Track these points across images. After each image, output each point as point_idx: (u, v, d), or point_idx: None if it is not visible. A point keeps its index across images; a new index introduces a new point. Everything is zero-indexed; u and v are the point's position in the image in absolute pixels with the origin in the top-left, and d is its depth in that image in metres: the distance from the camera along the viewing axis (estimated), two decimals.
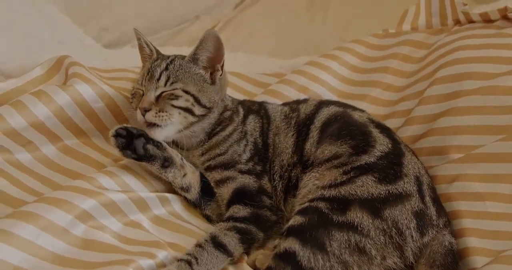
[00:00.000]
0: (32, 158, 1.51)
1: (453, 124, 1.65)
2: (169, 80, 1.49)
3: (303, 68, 2.02)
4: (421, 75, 1.90)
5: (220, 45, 1.52)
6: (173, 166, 1.48)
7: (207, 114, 1.53)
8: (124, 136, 1.44)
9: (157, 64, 1.53)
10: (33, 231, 1.20)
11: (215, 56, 1.53)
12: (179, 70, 1.51)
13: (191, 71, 1.52)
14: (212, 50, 1.52)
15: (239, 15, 3.16)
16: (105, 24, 2.65)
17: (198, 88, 1.51)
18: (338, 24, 3.03)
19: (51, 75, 1.68)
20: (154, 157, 1.45)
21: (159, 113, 1.45)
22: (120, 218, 1.37)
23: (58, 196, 1.30)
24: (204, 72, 1.54)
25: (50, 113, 1.53)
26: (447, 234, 1.38)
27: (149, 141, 1.46)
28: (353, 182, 1.38)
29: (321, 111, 1.58)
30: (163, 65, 1.52)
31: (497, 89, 1.64)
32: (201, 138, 1.56)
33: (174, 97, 1.48)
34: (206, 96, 1.52)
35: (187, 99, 1.49)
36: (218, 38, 1.50)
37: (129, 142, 1.45)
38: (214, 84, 1.55)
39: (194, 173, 1.53)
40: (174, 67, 1.52)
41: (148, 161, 1.46)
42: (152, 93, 1.48)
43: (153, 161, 1.46)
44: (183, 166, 1.50)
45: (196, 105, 1.50)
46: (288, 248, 1.29)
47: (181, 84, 1.49)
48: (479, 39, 1.83)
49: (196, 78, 1.52)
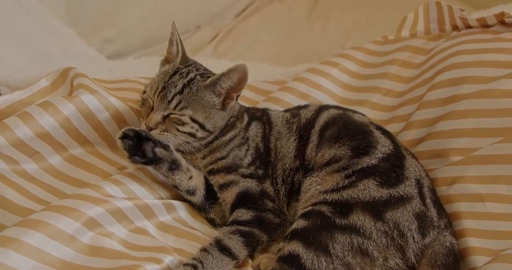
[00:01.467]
0: (39, 168, 1.54)
1: (452, 127, 1.67)
2: (180, 105, 1.50)
3: (304, 75, 2.04)
4: (420, 80, 1.92)
5: (245, 80, 1.53)
6: (180, 168, 1.51)
7: (207, 136, 1.56)
8: (131, 137, 1.47)
9: (173, 82, 1.52)
10: (42, 238, 1.23)
11: (236, 86, 1.54)
12: (192, 96, 1.52)
13: (204, 98, 1.53)
14: (236, 81, 1.53)
15: (240, 24, 3.19)
16: (108, 36, 2.68)
17: (206, 116, 1.53)
18: (338, 33, 3.06)
19: (56, 86, 1.70)
20: (162, 159, 1.48)
21: (163, 132, 1.49)
22: (127, 225, 1.39)
23: (66, 204, 1.32)
24: (217, 98, 1.55)
25: (56, 124, 1.55)
26: (448, 234, 1.40)
27: (156, 143, 1.49)
28: (355, 186, 1.40)
29: (321, 115, 1.60)
30: (179, 86, 1.51)
31: (494, 92, 1.65)
32: (198, 147, 1.57)
33: (181, 124, 1.50)
34: (211, 123, 1.54)
35: (192, 127, 1.51)
36: (246, 73, 1.51)
37: (136, 144, 1.47)
38: (224, 110, 1.58)
39: (199, 176, 1.55)
40: (189, 91, 1.52)
41: (157, 164, 1.48)
42: (161, 114, 1.50)
43: (161, 163, 1.48)
44: (189, 168, 1.53)
45: (199, 131, 1.53)
46: (292, 251, 1.31)
47: (190, 112, 1.51)
48: (476, 44, 1.85)
49: (206, 105, 1.53)
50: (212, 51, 2.87)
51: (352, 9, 3.29)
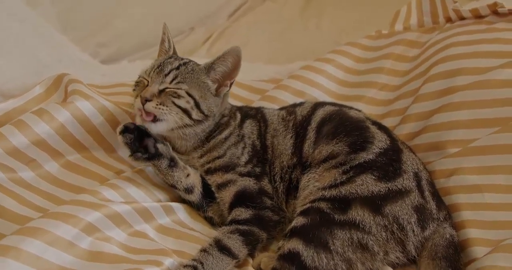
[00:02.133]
0: (36, 176, 1.53)
1: (449, 119, 1.67)
2: (176, 79, 1.51)
3: (299, 72, 2.04)
4: (415, 73, 1.92)
5: (238, 64, 1.54)
6: (178, 165, 1.51)
7: (203, 121, 1.55)
8: (132, 130, 1.47)
9: (169, 62, 1.56)
10: (41, 246, 1.22)
11: (230, 72, 1.56)
12: (188, 73, 1.54)
13: (199, 78, 1.55)
14: (230, 65, 1.54)
15: (233, 24, 3.19)
16: (101, 41, 2.68)
17: (201, 95, 1.53)
18: (332, 30, 3.05)
19: (50, 93, 1.70)
20: (162, 155, 1.49)
21: (159, 105, 1.47)
22: (125, 229, 1.38)
23: (63, 210, 1.31)
24: (212, 83, 1.57)
25: (51, 131, 1.55)
26: (447, 226, 1.40)
27: (157, 140, 1.50)
28: (353, 181, 1.40)
29: (317, 112, 1.60)
30: (175, 64, 1.55)
31: (489, 83, 1.65)
32: (192, 143, 1.58)
33: (176, 96, 1.49)
34: (206, 104, 1.54)
35: (188, 101, 1.51)
36: (239, 57, 1.53)
37: (136, 138, 1.47)
38: (218, 97, 1.58)
39: (196, 174, 1.56)
40: (186, 69, 1.54)
41: (158, 159, 1.48)
42: (157, 86, 1.49)
43: (162, 159, 1.49)
44: (185, 166, 1.54)
45: (195, 109, 1.52)
46: (291, 248, 1.31)
47: (186, 86, 1.51)
48: (470, 35, 1.85)
49: (202, 86, 1.55)
50: (206, 52, 2.87)
51: (344, 6, 3.29)
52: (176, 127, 1.51)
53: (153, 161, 1.49)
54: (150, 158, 1.48)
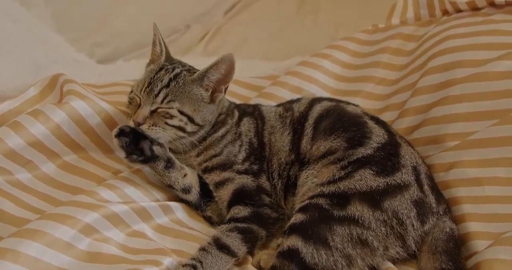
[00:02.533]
0: (33, 177, 1.53)
1: (447, 113, 1.66)
2: (167, 98, 1.49)
3: (296, 69, 2.04)
4: (412, 67, 1.91)
5: (232, 70, 1.53)
6: (174, 166, 1.50)
7: (198, 131, 1.55)
8: (128, 133, 1.46)
9: (159, 78, 1.52)
10: (39, 248, 1.21)
11: (224, 78, 1.54)
12: (180, 88, 1.51)
13: (191, 92, 1.52)
14: (224, 72, 1.53)
15: (229, 21, 3.17)
16: (97, 40, 2.68)
17: (194, 108, 1.52)
18: (329, 26, 3.04)
19: (46, 94, 1.69)
20: (159, 157, 1.48)
21: (152, 127, 1.47)
22: (124, 229, 1.38)
23: (61, 211, 1.31)
24: (205, 92, 1.54)
25: (47, 131, 1.54)
26: (447, 220, 1.40)
27: (153, 142, 1.48)
28: (352, 176, 1.39)
29: (314, 108, 1.59)
30: (165, 80, 1.51)
31: (487, 75, 1.64)
32: (189, 145, 1.56)
33: (169, 117, 1.49)
34: (200, 116, 1.53)
35: (181, 120, 1.50)
36: (233, 63, 1.51)
37: (132, 140, 1.46)
38: (213, 103, 1.56)
39: (193, 173, 1.55)
40: (176, 85, 1.51)
41: (154, 162, 1.48)
42: (148, 108, 1.48)
43: (158, 161, 1.48)
44: (182, 166, 1.53)
45: (189, 124, 1.51)
46: (291, 245, 1.30)
47: (178, 105, 1.49)
48: (467, 27, 1.84)
49: (194, 98, 1.52)
50: (202, 50, 2.86)
51: (340, 2, 3.27)
52: (173, 140, 1.52)
53: (149, 164, 1.48)
54: (146, 161, 1.47)
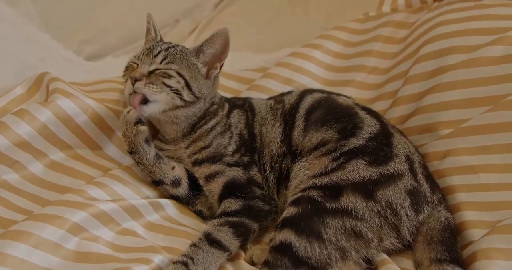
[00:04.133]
0: (20, 177, 1.49)
1: (440, 100, 1.64)
2: (166, 59, 1.51)
3: (286, 60, 2.01)
4: (404, 55, 1.89)
5: (227, 46, 1.55)
6: (163, 159, 1.51)
7: (194, 102, 1.53)
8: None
9: (159, 44, 1.57)
10: (26, 249, 1.19)
11: (219, 54, 1.56)
12: (178, 54, 1.54)
13: (189, 60, 1.54)
14: (219, 47, 1.54)
15: (219, 14, 3.15)
16: (85, 37, 2.66)
17: (191, 75, 1.52)
18: (320, 16, 3.01)
19: (32, 93, 1.66)
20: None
21: (148, 84, 1.46)
22: (113, 227, 1.36)
23: (48, 211, 1.29)
24: (202, 66, 1.56)
25: (33, 131, 1.51)
26: (442, 209, 1.38)
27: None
28: (344, 167, 1.37)
29: (305, 99, 1.57)
30: (164, 46, 1.55)
31: (480, 61, 1.62)
32: (183, 127, 1.56)
33: (167, 76, 1.49)
34: (197, 85, 1.53)
35: (179, 81, 1.49)
36: (228, 38, 1.53)
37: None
38: (208, 79, 1.57)
39: (180, 166, 1.54)
40: (175, 50, 1.55)
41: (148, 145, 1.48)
42: (146, 67, 1.49)
43: (150, 148, 1.49)
44: (169, 161, 1.52)
45: (185, 90, 1.50)
46: (283, 239, 1.28)
47: (176, 66, 1.51)
48: (459, 13, 1.81)
49: (191, 67, 1.54)
50: (192, 44, 2.80)
51: None
52: (168, 109, 1.50)
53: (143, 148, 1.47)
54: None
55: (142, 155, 1.48)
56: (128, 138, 1.48)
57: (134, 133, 1.46)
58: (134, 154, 1.49)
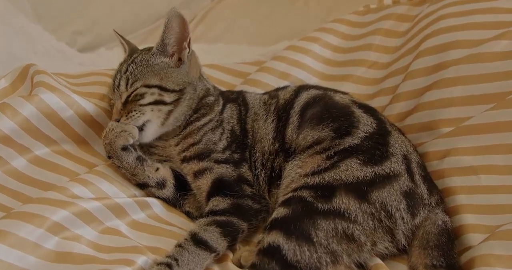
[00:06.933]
0: (2, 173, 1.44)
1: (441, 97, 1.59)
2: (128, 82, 1.49)
3: (283, 53, 1.97)
4: (406, 49, 1.84)
5: (184, 23, 1.51)
6: (146, 161, 1.48)
7: (181, 97, 1.50)
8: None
9: (118, 70, 1.54)
10: (2, 249, 1.15)
11: (181, 35, 1.52)
12: (138, 67, 1.50)
13: (151, 64, 1.50)
14: (178, 29, 1.51)
15: (217, 5, 3.10)
16: (78, 29, 2.62)
17: (161, 76, 1.49)
18: (321, 9, 2.96)
19: (17, 86, 1.60)
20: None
21: (128, 115, 1.46)
22: (96, 226, 1.31)
23: (27, 210, 1.24)
24: (168, 58, 1.52)
25: (15, 126, 1.46)
26: (440, 212, 1.33)
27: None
28: (337, 166, 1.32)
29: (301, 95, 1.53)
30: (123, 69, 1.52)
31: (484, 56, 1.57)
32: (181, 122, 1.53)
33: (139, 97, 1.47)
34: (171, 80, 1.49)
35: (153, 93, 1.47)
36: (180, 15, 1.49)
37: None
38: (182, 64, 1.53)
39: (165, 167, 1.51)
40: (134, 65, 1.51)
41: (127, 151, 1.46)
42: (119, 102, 1.49)
43: (129, 152, 1.46)
44: (153, 163, 1.50)
45: (164, 94, 1.48)
46: (271, 242, 1.22)
47: (141, 82, 1.48)
48: (463, 5, 1.76)
49: (157, 69, 1.50)
50: (190, 34, 2.77)
51: None
52: (165, 120, 1.49)
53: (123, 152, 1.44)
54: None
55: (121, 160, 1.45)
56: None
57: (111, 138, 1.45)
58: (113, 158, 1.46)
